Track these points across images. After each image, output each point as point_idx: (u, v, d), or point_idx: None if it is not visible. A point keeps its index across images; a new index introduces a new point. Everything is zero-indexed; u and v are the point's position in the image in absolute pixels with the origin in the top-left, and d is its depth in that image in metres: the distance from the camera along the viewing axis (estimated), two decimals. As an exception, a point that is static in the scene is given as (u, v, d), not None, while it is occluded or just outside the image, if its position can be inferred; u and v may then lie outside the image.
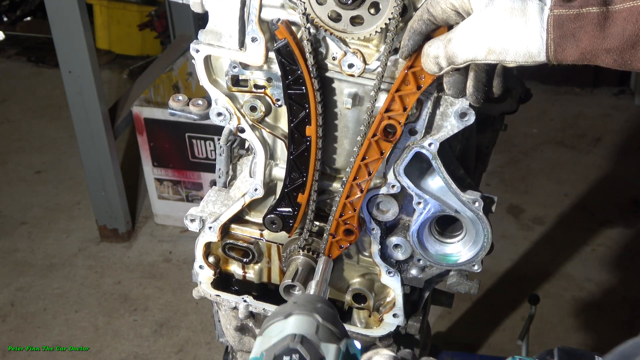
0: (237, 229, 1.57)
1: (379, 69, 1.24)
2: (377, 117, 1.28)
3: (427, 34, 1.16)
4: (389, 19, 1.18)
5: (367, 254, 1.52)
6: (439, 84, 1.26)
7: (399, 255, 1.48)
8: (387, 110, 1.27)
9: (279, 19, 1.25)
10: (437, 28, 1.16)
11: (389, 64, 1.24)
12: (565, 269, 3.79)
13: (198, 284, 1.64)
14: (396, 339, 1.62)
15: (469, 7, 1.10)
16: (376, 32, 1.20)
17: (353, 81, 1.30)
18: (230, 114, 1.38)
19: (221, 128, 1.47)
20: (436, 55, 1.15)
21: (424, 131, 1.30)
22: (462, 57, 1.12)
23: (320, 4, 1.20)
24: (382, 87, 1.25)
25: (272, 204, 1.47)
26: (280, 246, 1.56)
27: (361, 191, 1.36)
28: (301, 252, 1.48)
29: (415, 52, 1.19)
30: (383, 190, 1.38)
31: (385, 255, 1.49)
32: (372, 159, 1.33)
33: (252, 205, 1.54)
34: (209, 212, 1.54)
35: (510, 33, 1.07)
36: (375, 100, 1.26)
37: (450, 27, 1.16)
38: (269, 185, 1.48)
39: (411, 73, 1.22)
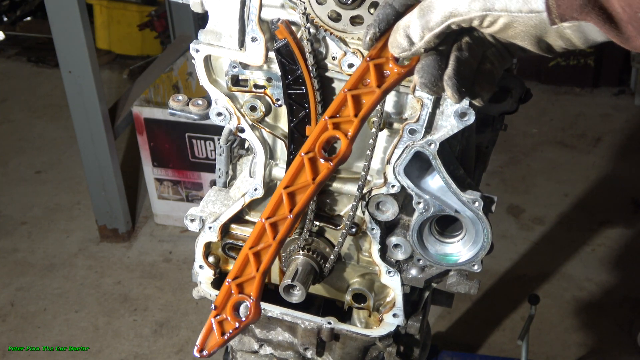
0: (237, 229, 1.57)
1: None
2: (318, 124, 1.06)
3: (401, 10, 1.00)
4: (389, 19, 1.18)
5: (367, 254, 1.52)
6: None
7: (399, 255, 1.48)
8: (333, 116, 1.04)
9: (279, 19, 1.25)
10: (410, 5, 1.00)
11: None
12: (565, 269, 3.79)
13: (198, 284, 1.64)
14: (396, 338, 1.62)
15: None
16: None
17: (353, 81, 1.30)
18: (230, 114, 1.38)
19: (221, 128, 1.47)
20: (407, 24, 0.96)
21: (423, 131, 1.29)
22: (439, 13, 0.92)
23: (320, 3, 1.20)
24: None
25: (272, 204, 1.47)
26: (280, 246, 1.56)
27: (274, 238, 1.11)
28: (301, 252, 1.48)
29: (384, 37, 1.01)
30: (383, 190, 1.38)
31: (385, 255, 1.49)
32: (299, 186, 1.09)
33: (252, 205, 1.54)
34: (209, 212, 1.54)
35: None
36: (384, 102, 1.26)
37: None
38: (269, 185, 1.48)
39: (373, 66, 1.03)
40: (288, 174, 1.07)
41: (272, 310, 1.59)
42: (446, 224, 1.46)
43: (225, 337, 1.17)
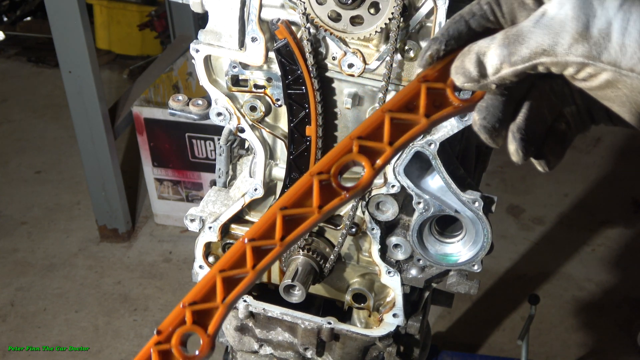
0: (237, 229, 1.57)
1: (382, 69, 1.24)
2: (341, 143, 0.84)
3: (478, 30, 0.81)
4: (389, 19, 1.18)
5: (367, 254, 1.52)
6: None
7: (399, 255, 1.48)
8: (361, 137, 0.82)
9: (278, 19, 1.25)
10: (491, 28, 0.81)
11: (393, 64, 1.24)
12: (565, 269, 3.79)
13: (198, 284, 1.63)
14: (396, 338, 1.62)
15: None
16: (376, 32, 1.20)
17: (353, 81, 1.30)
18: (230, 114, 1.38)
19: (221, 128, 1.47)
20: (483, 50, 0.78)
21: (423, 131, 1.29)
22: (529, 48, 0.75)
23: (320, 3, 1.20)
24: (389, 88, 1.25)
25: (272, 204, 1.47)
26: (280, 246, 1.56)
27: (253, 267, 0.86)
28: (301, 252, 1.48)
29: (447, 57, 0.81)
30: (383, 190, 1.38)
31: (385, 255, 1.49)
32: (300, 211, 0.84)
33: (252, 205, 1.54)
34: (209, 212, 1.54)
35: (620, 16, 0.72)
36: (384, 102, 1.25)
37: None
38: (269, 185, 1.48)
39: (425, 89, 0.81)
40: (289, 194, 0.85)
41: (272, 310, 1.59)
42: (446, 224, 1.46)
43: None
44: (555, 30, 0.74)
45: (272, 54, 1.28)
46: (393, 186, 1.37)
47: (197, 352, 0.93)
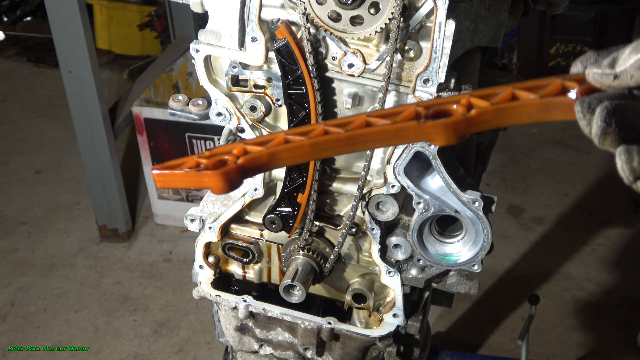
0: (237, 229, 1.57)
1: (382, 69, 1.24)
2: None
3: None
4: (389, 19, 1.18)
5: (367, 254, 1.52)
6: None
7: (399, 255, 1.48)
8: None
9: (278, 19, 1.25)
10: None
11: (393, 64, 1.24)
12: (565, 269, 3.79)
13: (198, 284, 1.64)
14: (396, 338, 1.62)
15: None
16: (376, 32, 1.20)
17: (353, 81, 1.30)
18: (230, 114, 1.38)
19: (221, 128, 1.47)
20: None
21: (423, 131, 1.29)
22: None
23: (320, 3, 1.20)
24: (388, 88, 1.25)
25: (272, 204, 1.47)
26: (280, 246, 1.56)
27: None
28: (301, 252, 1.48)
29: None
30: (383, 190, 1.38)
31: (385, 255, 1.49)
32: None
33: (252, 205, 1.54)
34: (209, 212, 1.54)
35: None
36: (384, 102, 1.25)
37: None
38: (269, 185, 1.48)
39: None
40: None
41: (272, 310, 1.59)
42: (446, 224, 1.46)
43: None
44: None
45: (272, 54, 1.28)
46: (393, 186, 1.37)
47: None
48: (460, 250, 1.44)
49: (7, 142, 5.08)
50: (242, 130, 1.40)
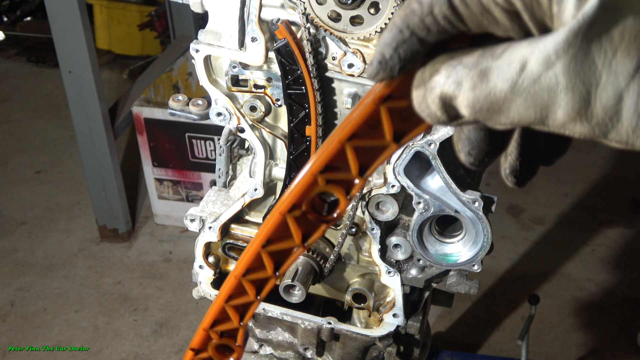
0: (237, 229, 1.57)
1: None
2: (303, 176, 0.71)
3: (432, 43, 0.60)
4: (389, 19, 1.18)
5: (367, 254, 1.52)
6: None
7: (399, 255, 1.48)
8: (326, 169, 0.70)
9: (278, 19, 1.25)
10: (454, 35, 0.60)
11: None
12: (565, 269, 3.79)
13: (198, 284, 1.64)
14: (396, 338, 1.62)
15: (550, 12, 0.55)
16: (376, 32, 1.20)
17: (353, 81, 1.30)
18: (230, 114, 1.38)
19: (221, 128, 1.47)
20: (451, 95, 0.58)
21: (423, 131, 1.29)
22: (509, 117, 0.56)
23: (320, 3, 1.20)
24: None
25: (272, 204, 1.47)
26: (280, 246, 1.56)
27: (256, 296, 0.86)
28: (301, 252, 1.48)
29: (404, 74, 0.62)
30: (383, 190, 1.38)
31: (385, 255, 1.49)
32: (278, 246, 0.79)
33: (252, 205, 1.54)
34: (209, 212, 1.54)
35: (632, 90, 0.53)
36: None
37: (479, 40, 0.60)
38: (269, 185, 1.48)
39: (386, 110, 0.65)
40: (266, 231, 0.78)
41: (272, 310, 1.59)
42: (446, 224, 1.46)
43: None
44: (542, 102, 0.54)
45: (272, 54, 1.28)
46: (393, 186, 1.37)
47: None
48: (460, 250, 1.44)
49: (7, 142, 5.08)
50: (242, 130, 1.40)
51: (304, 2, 1.19)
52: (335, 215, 0.76)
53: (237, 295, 0.88)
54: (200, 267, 1.61)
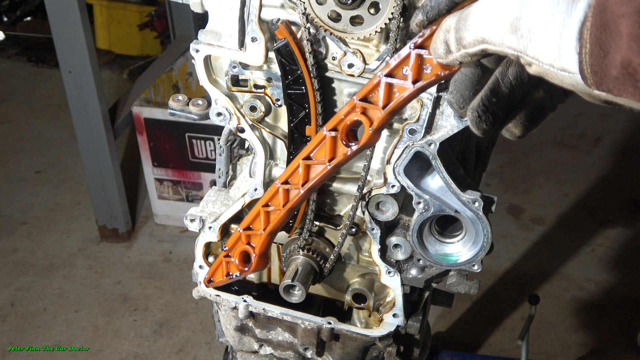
0: (237, 229, 1.56)
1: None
2: (347, 104, 0.99)
3: (453, 3, 0.86)
4: (389, 19, 1.18)
5: (367, 254, 1.52)
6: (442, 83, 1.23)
7: (399, 255, 1.48)
8: (364, 99, 0.96)
9: (278, 19, 1.24)
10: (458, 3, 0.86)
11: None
12: (565, 269, 3.79)
13: (198, 284, 1.64)
14: (396, 338, 1.62)
15: None
16: (376, 32, 1.20)
17: (353, 81, 1.30)
18: (230, 114, 1.38)
19: (221, 128, 1.47)
20: (448, 28, 0.83)
21: (423, 131, 1.30)
22: (471, 34, 0.78)
23: (320, 3, 1.20)
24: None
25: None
26: (280, 246, 1.56)
27: (284, 205, 1.17)
28: (301, 252, 1.48)
29: (433, 25, 0.87)
30: (383, 190, 1.38)
31: (385, 255, 1.49)
32: (316, 162, 1.09)
33: (252, 205, 1.54)
34: (209, 212, 1.54)
35: (545, 11, 0.71)
36: None
37: None
38: (269, 185, 1.48)
39: (417, 56, 0.90)
40: (310, 146, 1.07)
41: (272, 310, 1.59)
42: (446, 224, 1.46)
43: (229, 277, 1.31)
44: (493, 17, 0.75)
45: (272, 54, 1.28)
46: (393, 186, 1.37)
47: (248, 267, 1.32)
48: (460, 250, 1.44)
49: (7, 142, 5.08)
50: (242, 130, 1.40)
51: (304, 2, 1.19)
52: (358, 143, 0.99)
53: (270, 200, 1.16)
54: (200, 267, 1.61)
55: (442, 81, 0.92)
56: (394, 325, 1.55)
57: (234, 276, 1.34)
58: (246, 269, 1.30)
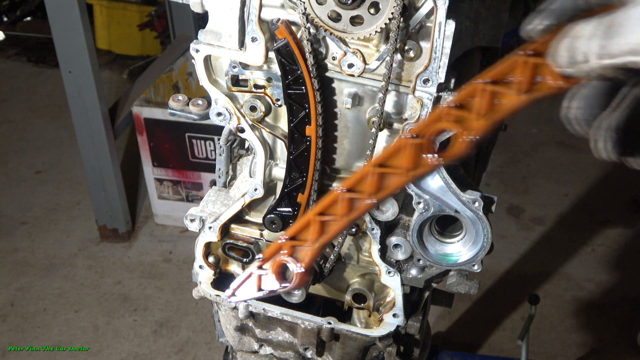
0: (237, 229, 1.57)
1: (382, 69, 1.24)
2: (436, 109, 0.89)
3: (585, 8, 0.76)
4: (389, 19, 1.18)
5: (367, 254, 1.52)
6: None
7: (399, 255, 1.48)
8: (458, 105, 0.85)
9: (278, 19, 1.24)
10: (586, 11, 0.76)
11: (393, 64, 1.23)
12: (565, 269, 3.79)
13: (198, 284, 1.64)
14: (396, 338, 1.62)
15: None
16: (376, 32, 1.20)
17: (353, 81, 1.30)
18: (230, 114, 1.38)
19: (221, 128, 1.47)
20: (585, 34, 0.72)
21: (423, 131, 1.29)
22: (622, 43, 0.68)
23: (320, 3, 1.20)
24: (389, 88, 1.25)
25: (272, 204, 1.47)
26: (280, 246, 1.56)
27: (346, 214, 1.00)
28: (301, 252, 1.48)
29: (550, 31, 0.77)
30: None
31: (385, 255, 1.49)
32: (392, 171, 0.94)
33: (252, 205, 1.54)
34: (209, 212, 1.54)
35: None
36: (384, 102, 1.25)
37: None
38: (269, 185, 1.48)
39: (532, 64, 0.79)
40: (387, 152, 0.94)
41: (272, 310, 1.59)
42: (446, 224, 1.46)
43: (261, 293, 1.12)
44: None
45: (272, 54, 1.28)
46: (393, 186, 1.37)
47: (287, 284, 1.10)
48: (460, 250, 1.44)
49: (7, 142, 5.08)
50: (242, 130, 1.40)
51: (304, 2, 1.19)
52: (444, 155, 0.87)
53: (327, 209, 1.00)
54: (200, 267, 1.61)
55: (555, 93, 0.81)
56: (394, 325, 1.55)
57: (266, 292, 1.14)
58: (286, 285, 1.11)
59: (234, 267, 1.64)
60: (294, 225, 1.09)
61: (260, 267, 1.11)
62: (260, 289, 1.13)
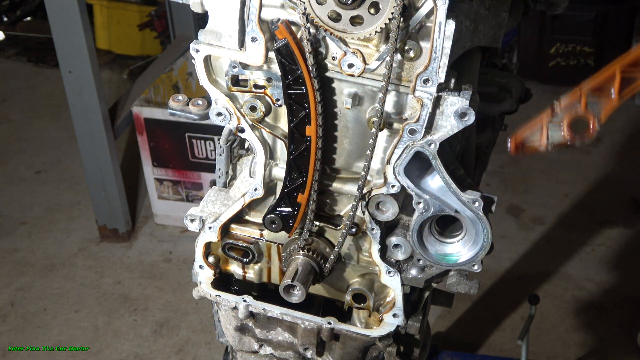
0: (237, 229, 1.57)
1: (382, 69, 1.24)
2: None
3: None
4: (389, 19, 1.18)
5: (367, 254, 1.52)
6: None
7: (399, 255, 1.48)
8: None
9: (278, 19, 1.24)
10: None
11: (393, 64, 1.23)
12: (565, 269, 3.79)
13: (198, 284, 1.64)
14: (396, 338, 1.62)
15: None
16: (376, 32, 1.20)
17: (353, 81, 1.30)
18: (230, 114, 1.38)
19: (221, 128, 1.47)
20: None
21: (423, 131, 1.29)
22: None
23: (320, 3, 1.20)
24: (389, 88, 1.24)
25: (272, 204, 1.47)
26: (280, 246, 1.56)
27: None
28: (301, 252, 1.48)
29: None
30: (383, 190, 1.38)
31: (385, 255, 1.49)
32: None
33: (252, 205, 1.54)
34: (209, 212, 1.54)
35: None
36: (384, 102, 1.25)
37: None
38: (269, 185, 1.48)
39: None
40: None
41: (272, 310, 1.59)
42: (446, 224, 1.46)
43: (549, 146, 1.10)
44: None
45: (272, 54, 1.28)
46: (393, 186, 1.37)
47: (581, 135, 1.08)
48: (460, 250, 1.44)
49: (7, 142, 5.08)
50: (242, 130, 1.40)
51: (304, 2, 1.19)
52: None
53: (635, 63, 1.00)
54: (200, 267, 1.61)
55: None
56: (394, 325, 1.55)
57: (554, 143, 1.08)
58: (580, 137, 1.07)
59: (234, 267, 1.64)
60: (594, 77, 1.06)
61: (551, 120, 1.09)
62: (548, 140, 1.12)
